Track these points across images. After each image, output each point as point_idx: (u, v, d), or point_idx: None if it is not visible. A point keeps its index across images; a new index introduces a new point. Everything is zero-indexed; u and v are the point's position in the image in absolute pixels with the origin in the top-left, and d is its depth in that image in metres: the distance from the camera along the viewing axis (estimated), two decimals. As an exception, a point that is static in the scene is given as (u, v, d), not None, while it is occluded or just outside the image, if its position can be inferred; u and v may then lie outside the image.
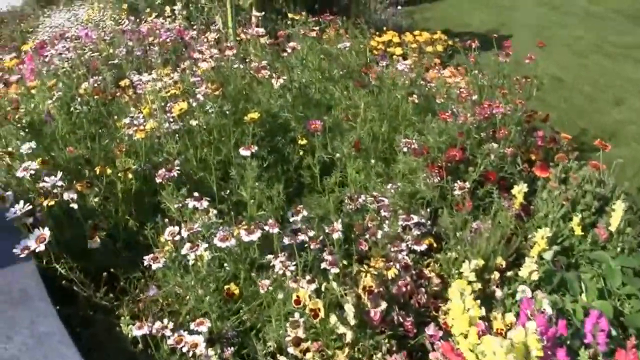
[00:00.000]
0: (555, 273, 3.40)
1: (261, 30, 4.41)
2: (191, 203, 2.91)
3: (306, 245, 2.92)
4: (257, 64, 4.06)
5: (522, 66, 5.34)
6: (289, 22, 6.66)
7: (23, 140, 3.64)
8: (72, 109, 4.32)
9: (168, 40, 5.46)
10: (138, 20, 7.18)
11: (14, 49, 8.02)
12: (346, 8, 8.37)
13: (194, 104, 3.83)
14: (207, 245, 2.73)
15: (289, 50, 4.11)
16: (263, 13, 5.47)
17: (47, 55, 4.81)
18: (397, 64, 4.73)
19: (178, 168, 3.17)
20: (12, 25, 9.20)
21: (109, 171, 3.36)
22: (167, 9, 7.73)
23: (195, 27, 7.29)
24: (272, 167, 4.00)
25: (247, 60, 4.96)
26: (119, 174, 3.38)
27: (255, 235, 2.81)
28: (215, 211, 2.98)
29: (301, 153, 4.11)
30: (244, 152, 3.21)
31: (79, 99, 4.42)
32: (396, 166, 3.93)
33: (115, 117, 4.31)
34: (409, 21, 10.38)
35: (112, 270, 3.10)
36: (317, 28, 4.54)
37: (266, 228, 2.90)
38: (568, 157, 4.15)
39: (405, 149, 3.75)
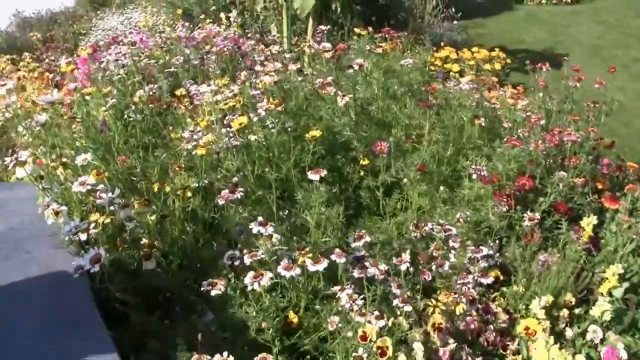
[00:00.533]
0: (626, 312, 3.22)
1: (328, 45, 4.25)
2: (255, 228, 2.75)
3: (373, 276, 2.76)
4: (322, 80, 3.91)
5: (581, 87, 5.13)
6: (344, 33, 6.53)
7: (78, 151, 3.53)
8: (125, 117, 4.23)
9: (225, 49, 5.34)
10: (192, 26, 7.10)
11: (66, 50, 7.99)
12: (404, 22, 8.23)
13: (255, 119, 3.69)
14: (271, 275, 2.58)
15: (356, 67, 3.95)
16: (328, 27, 5.31)
17: (102, 61, 4.71)
18: (461, 84, 4.57)
19: (241, 190, 3.02)
20: (65, 26, 9.17)
21: (167, 189, 3.22)
22: (222, 15, 7.64)
23: (249, 34, 7.19)
24: (331, 186, 3.86)
25: (305, 73, 4.83)
26: (178, 192, 3.25)
27: (322, 266, 2.66)
28: (278, 236, 2.83)
29: (361, 173, 3.95)
30: (312, 175, 3.05)
31: (133, 107, 4.32)
32: (460, 191, 3.76)
33: (170, 127, 4.19)
34: (464, 36, 10.20)
35: (165, 292, 2.97)
36: (383, 44, 4.38)
37: (332, 257, 2.75)
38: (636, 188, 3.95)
39: (474, 176, 3.57)
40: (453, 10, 10.15)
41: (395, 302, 2.65)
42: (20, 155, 3.03)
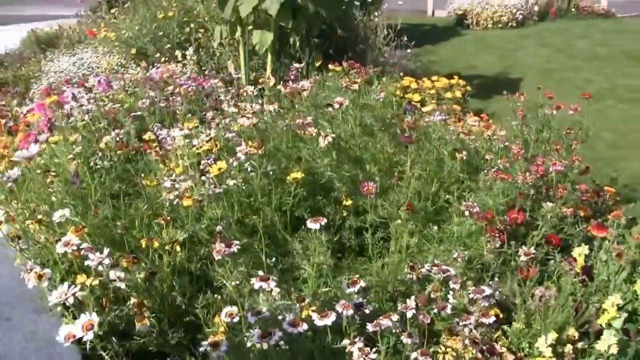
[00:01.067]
0: (629, 343, 3.14)
1: (307, 84, 4.11)
2: (257, 284, 2.60)
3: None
4: (302, 120, 3.78)
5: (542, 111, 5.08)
6: (299, 67, 6.44)
7: (52, 206, 3.33)
8: (92, 164, 4.06)
9: (190, 89, 5.19)
10: (147, 65, 6.94)
11: (17, 94, 7.75)
12: (362, 53, 8.15)
13: (235, 164, 3.55)
14: (281, 334, 2.43)
15: (337, 106, 3.84)
16: (303, 64, 5.19)
17: (64, 107, 4.51)
18: (432, 115, 4.50)
19: (237, 243, 2.85)
20: (13, 68, 8.90)
21: (156, 244, 3.05)
22: (178, 53, 7.48)
23: (207, 72, 7.06)
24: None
25: (269, 110, 4.71)
26: (166, 247, 3.08)
27: (330, 320, 2.53)
28: (278, 289, 2.68)
29: (344, 214, 3.83)
30: (312, 224, 2.91)
31: (99, 154, 4.16)
32: (448, 228, 3.67)
33: (142, 174, 4.02)
34: (417, 64, 10.19)
35: (159, 353, 2.80)
36: (359, 80, 4.27)
37: (338, 309, 2.62)
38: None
39: (467, 213, 3.47)
40: (405, 38, 10.12)
41: (414, 355, 2.52)
42: (-5, 216, 2.84)
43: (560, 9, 16.11)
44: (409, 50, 9.93)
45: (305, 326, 2.51)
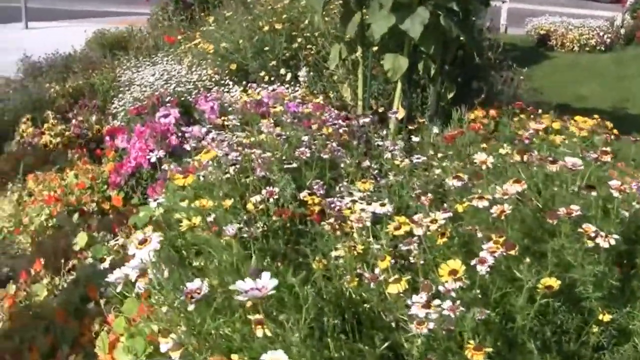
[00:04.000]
0: None
1: (578, 161, 2.95)
2: None
3: None
4: (566, 210, 2.69)
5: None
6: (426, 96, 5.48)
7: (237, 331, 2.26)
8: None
9: (340, 130, 4.14)
10: (250, 84, 5.91)
11: (95, 109, 6.78)
12: (492, 83, 7.10)
13: (481, 270, 2.50)
14: None
15: (616, 193, 2.75)
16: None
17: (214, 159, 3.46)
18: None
19: None
20: (85, 75, 7.86)
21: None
22: (284, 72, 6.45)
23: (319, 97, 6.05)
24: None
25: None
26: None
27: None
28: None
29: (594, 329, 2.79)
30: None
31: (244, 218, 3.19)
32: None
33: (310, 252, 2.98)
34: (519, 91, 9.05)
35: None
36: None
37: None
38: None
39: None
40: (511, 62, 8.98)
41: None
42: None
43: (647, 33, 15.09)
44: (521, 77, 8.77)
45: None
